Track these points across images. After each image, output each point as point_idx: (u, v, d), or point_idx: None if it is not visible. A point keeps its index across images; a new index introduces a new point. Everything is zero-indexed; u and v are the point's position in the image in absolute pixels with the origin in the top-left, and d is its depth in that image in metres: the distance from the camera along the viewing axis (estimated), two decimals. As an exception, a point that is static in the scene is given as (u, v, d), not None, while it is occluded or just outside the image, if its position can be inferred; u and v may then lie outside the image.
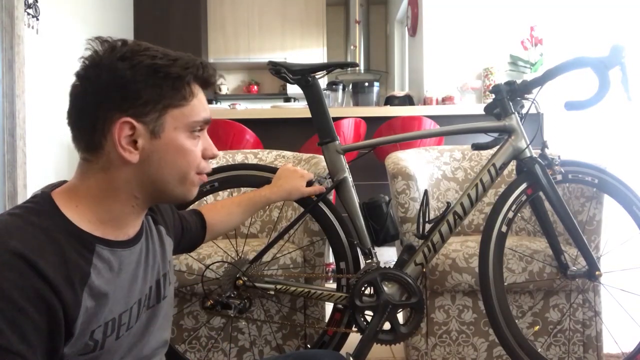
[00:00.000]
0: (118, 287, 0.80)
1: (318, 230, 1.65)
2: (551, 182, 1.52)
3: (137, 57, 0.77)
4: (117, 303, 0.80)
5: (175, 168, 0.82)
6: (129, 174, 0.80)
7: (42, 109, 3.53)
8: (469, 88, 3.77)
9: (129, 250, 0.84)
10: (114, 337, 0.79)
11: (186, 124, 0.81)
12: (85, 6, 4.24)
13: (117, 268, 0.81)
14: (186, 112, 0.81)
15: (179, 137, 0.81)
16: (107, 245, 0.79)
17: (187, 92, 0.81)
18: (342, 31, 6.86)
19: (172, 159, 0.81)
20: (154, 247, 0.93)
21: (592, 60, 1.42)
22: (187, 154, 0.82)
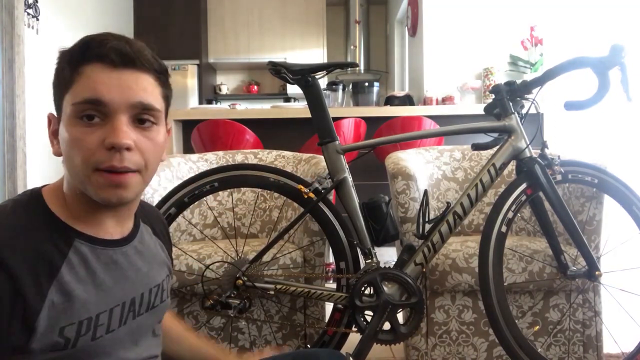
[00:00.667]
0: (95, 286, 0.77)
1: (318, 230, 1.65)
2: (551, 182, 1.52)
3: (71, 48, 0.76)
4: (93, 302, 0.76)
5: (71, 161, 0.74)
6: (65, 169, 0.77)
7: (42, 109, 3.54)
8: (469, 88, 3.77)
9: (114, 250, 0.81)
10: (89, 337, 0.75)
11: (72, 108, 0.73)
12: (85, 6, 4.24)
13: (94, 266, 0.77)
14: (72, 95, 0.73)
15: (69, 125, 0.73)
16: (87, 241, 0.77)
17: (69, 73, 0.74)
18: (342, 31, 6.87)
19: (67, 150, 0.74)
20: (149, 255, 0.90)
21: (592, 60, 1.42)
22: (75, 143, 0.73)
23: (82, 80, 0.73)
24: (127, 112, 0.74)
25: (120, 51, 0.73)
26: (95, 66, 0.73)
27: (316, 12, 6.29)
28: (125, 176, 0.74)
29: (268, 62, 1.53)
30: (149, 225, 0.94)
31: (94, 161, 0.72)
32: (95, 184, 0.73)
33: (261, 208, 2.02)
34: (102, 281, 0.78)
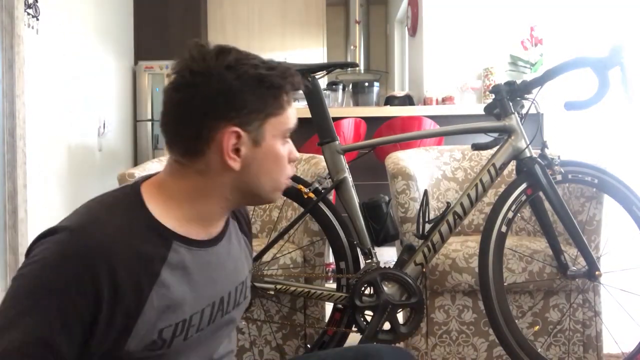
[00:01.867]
0: (191, 287, 0.80)
1: (318, 230, 1.65)
2: (551, 182, 1.52)
3: (242, 67, 0.78)
4: (188, 304, 0.79)
5: (271, 174, 0.84)
6: (227, 179, 0.81)
7: (42, 109, 3.53)
8: (469, 88, 3.77)
9: (207, 250, 0.84)
10: (182, 337, 0.79)
11: (282, 131, 0.83)
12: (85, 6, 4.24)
13: (191, 267, 0.80)
14: (282, 120, 0.82)
15: (276, 145, 0.83)
16: (185, 243, 0.80)
17: (284, 100, 0.82)
18: (342, 31, 6.87)
19: (269, 166, 0.83)
20: (235, 253, 0.92)
21: (592, 60, 1.42)
22: (280, 160, 0.84)
23: (290, 109, 0.84)
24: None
25: (301, 85, 0.85)
26: (290, 96, 0.83)
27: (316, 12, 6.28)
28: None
29: (268, 62, 1.53)
30: (237, 221, 0.97)
31: (288, 173, 0.87)
32: (280, 189, 0.87)
33: (261, 208, 2.02)
34: (197, 282, 0.81)
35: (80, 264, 0.69)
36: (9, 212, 3.21)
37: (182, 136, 0.79)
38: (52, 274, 0.69)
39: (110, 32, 4.78)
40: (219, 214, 0.85)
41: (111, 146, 4.66)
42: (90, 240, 0.71)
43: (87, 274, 0.69)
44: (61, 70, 3.82)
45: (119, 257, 0.71)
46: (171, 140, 0.80)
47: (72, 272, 0.69)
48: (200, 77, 0.77)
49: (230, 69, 0.77)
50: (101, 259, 0.70)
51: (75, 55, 4.05)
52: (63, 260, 0.69)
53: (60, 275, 0.69)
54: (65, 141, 3.87)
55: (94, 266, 0.69)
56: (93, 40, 4.38)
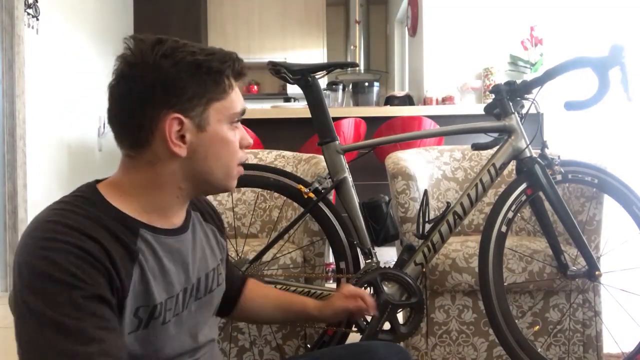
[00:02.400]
0: (162, 273, 0.82)
1: (318, 230, 1.65)
2: (551, 182, 1.52)
3: (179, 54, 0.79)
4: (162, 289, 0.82)
5: (219, 160, 0.85)
6: (175, 168, 0.83)
7: (42, 109, 3.53)
8: (469, 88, 3.77)
9: (174, 239, 0.86)
10: (160, 321, 0.81)
11: (227, 115, 0.84)
12: (85, 6, 4.24)
13: (160, 254, 0.83)
14: (227, 105, 0.84)
15: (222, 129, 0.84)
16: (151, 231, 0.82)
17: (226, 85, 0.83)
18: (342, 31, 6.87)
19: (216, 151, 0.84)
20: (202, 241, 0.94)
21: (592, 60, 1.42)
22: (229, 145, 0.85)
23: (234, 94, 0.85)
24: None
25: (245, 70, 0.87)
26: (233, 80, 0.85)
27: (316, 12, 6.28)
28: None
29: (268, 62, 1.53)
30: (198, 212, 0.98)
31: (239, 158, 0.88)
32: (234, 176, 0.88)
33: (261, 208, 2.02)
34: (168, 269, 0.84)
35: (70, 235, 0.72)
36: (9, 212, 3.21)
37: (126, 128, 0.82)
38: (54, 263, 0.70)
39: (110, 32, 4.78)
40: (177, 204, 0.87)
41: (111, 146, 4.65)
42: (67, 221, 0.73)
43: (79, 241, 0.72)
44: (61, 70, 3.82)
45: (99, 235, 0.74)
46: (118, 133, 0.83)
47: (66, 241, 0.71)
48: (137, 68, 0.79)
49: (166, 58, 0.79)
50: (85, 234, 0.73)
51: (75, 55, 4.05)
52: (48, 239, 0.71)
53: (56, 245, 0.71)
54: (65, 141, 3.87)
55: (80, 237, 0.72)
56: (93, 40, 4.38)
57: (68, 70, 3.92)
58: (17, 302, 0.72)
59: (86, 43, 4.26)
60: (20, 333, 0.71)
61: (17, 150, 3.22)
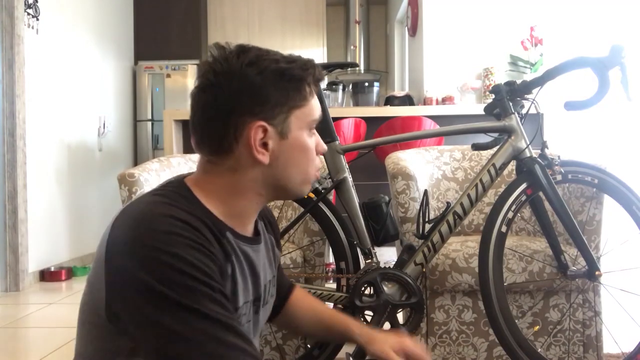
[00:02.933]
0: (243, 277, 0.83)
1: (318, 230, 1.65)
2: (551, 182, 1.52)
3: (263, 62, 0.81)
4: (241, 293, 0.82)
5: (299, 166, 0.85)
6: (257, 174, 0.83)
7: (42, 109, 3.53)
8: (469, 88, 3.77)
9: (250, 247, 0.87)
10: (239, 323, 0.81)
11: (307, 123, 0.85)
12: (85, 6, 4.24)
13: (242, 258, 0.84)
14: (307, 112, 0.84)
15: (303, 136, 0.85)
16: (234, 236, 0.83)
17: (307, 92, 0.84)
18: (342, 31, 6.86)
19: (297, 158, 0.84)
20: (267, 251, 0.95)
21: (592, 60, 1.42)
22: (308, 152, 0.86)
23: (314, 101, 0.86)
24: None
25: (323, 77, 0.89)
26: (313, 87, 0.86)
27: (316, 12, 6.28)
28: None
29: (268, 62, 1.53)
30: (262, 221, 0.98)
31: (317, 165, 0.89)
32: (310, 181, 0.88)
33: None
34: (247, 274, 0.85)
35: (182, 229, 0.72)
36: (9, 212, 3.21)
37: (210, 135, 0.81)
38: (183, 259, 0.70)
39: (110, 32, 4.78)
40: (254, 210, 0.88)
41: (111, 146, 4.66)
42: (170, 212, 0.73)
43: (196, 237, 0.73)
44: (61, 70, 3.82)
45: (204, 232, 0.75)
46: (200, 140, 0.83)
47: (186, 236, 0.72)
48: (223, 77, 0.80)
49: (251, 66, 0.80)
50: (192, 226, 0.73)
51: (75, 55, 4.05)
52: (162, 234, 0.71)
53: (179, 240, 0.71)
54: (65, 141, 3.87)
55: (191, 231, 0.72)
56: (93, 40, 4.38)
57: (68, 70, 3.93)
58: (136, 289, 0.69)
59: (86, 43, 4.26)
60: (150, 325, 0.69)
61: (17, 150, 3.22)
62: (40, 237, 3.42)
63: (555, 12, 3.86)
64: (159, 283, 0.68)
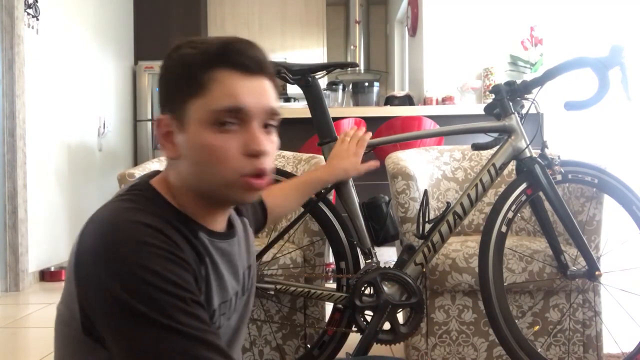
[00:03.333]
0: (218, 277, 0.79)
1: (318, 230, 1.65)
2: (551, 182, 1.52)
3: (175, 52, 0.75)
4: (217, 293, 0.78)
5: (208, 168, 0.73)
6: (182, 169, 0.76)
7: (42, 109, 3.53)
8: (469, 88, 3.77)
9: (226, 242, 0.82)
10: (216, 326, 0.79)
11: (208, 114, 0.72)
12: (85, 6, 4.24)
13: (216, 258, 0.79)
14: (207, 102, 0.72)
15: (202, 132, 0.72)
16: (208, 235, 0.78)
17: (201, 76, 0.72)
18: (342, 31, 6.86)
19: (199, 156, 0.73)
20: (243, 240, 0.90)
21: (592, 60, 1.42)
22: (214, 153, 0.72)
23: (219, 87, 0.72)
24: (260, 118, 0.75)
25: (257, 58, 0.74)
26: (232, 72, 0.73)
27: (316, 12, 6.28)
28: (264, 180, 0.76)
29: (268, 62, 1.53)
30: (247, 216, 0.96)
31: (238, 168, 0.73)
32: (239, 188, 0.74)
33: (261, 208, 2.02)
34: (223, 273, 0.80)
35: (151, 237, 0.68)
36: (9, 212, 3.21)
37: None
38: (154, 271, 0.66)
39: (110, 32, 4.78)
40: (216, 211, 0.81)
41: (111, 146, 4.66)
42: (138, 218, 0.69)
43: (164, 242, 0.68)
44: (61, 70, 3.82)
45: (175, 237, 0.71)
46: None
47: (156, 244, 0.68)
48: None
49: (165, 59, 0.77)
50: (162, 232, 0.69)
51: (75, 55, 4.05)
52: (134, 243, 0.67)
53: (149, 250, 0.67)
54: (65, 141, 3.87)
55: (162, 238, 0.68)
56: (93, 40, 4.38)
57: (68, 70, 3.92)
58: (105, 301, 0.66)
59: (86, 43, 4.26)
60: (121, 338, 0.66)
61: (17, 150, 3.22)
62: (40, 237, 3.42)
63: (555, 12, 3.86)
64: (128, 296, 0.64)
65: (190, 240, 0.74)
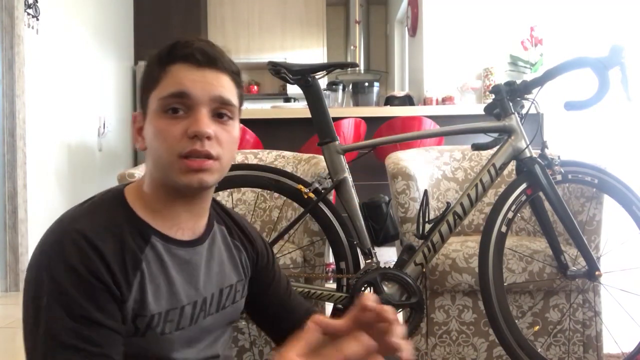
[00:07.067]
0: (167, 283, 0.81)
1: (318, 230, 1.65)
2: (551, 182, 1.52)
3: (147, 57, 0.83)
4: (164, 299, 0.80)
5: (156, 151, 0.80)
6: (148, 163, 0.83)
7: (42, 109, 3.53)
8: (469, 88, 3.77)
9: (185, 250, 0.84)
10: (158, 331, 0.79)
11: (159, 103, 0.79)
12: (85, 6, 4.24)
13: (168, 264, 0.81)
14: (159, 92, 0.79)
15: (155, 118, 0.79)
16: (162, 239, 0.81)
17: (157, 72, 0.80)
18: (342, 31, 6.86)
19: (152, 142, 0.80)
20: (221, 256, 0.91)
21: (592, 61, 1.42)
22: (160, 134, 0.78)
23: (169, 78, 0.79)
24: (208, 106, 0.79)
25: (204, 52, 0.80)
26: (181, 65, 0.79)
27: (316, 12, 6.28)
28: (205, 162, 0.78)
29: (268, 62, 1.53)
30: (225, 226, 0.95)
31: (178, 149, 0.77)
32: (178, 170, 0.78)
33: (261, 208, 2.02)
34: (174, 280, 0.82)
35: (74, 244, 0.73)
36: (9, 212, 3.21)
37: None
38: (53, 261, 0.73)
39: (110, 32, 4.77)
40: (181, 210, 0.84)
41: (111, 146, 4.66)
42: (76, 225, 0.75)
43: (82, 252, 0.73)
44: (61, 70, 3.82)
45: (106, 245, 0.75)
46: None
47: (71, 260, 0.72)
48: None
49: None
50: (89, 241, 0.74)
51: (75, 55, 4.05)
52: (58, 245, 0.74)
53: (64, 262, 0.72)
54: (65, 141, 3.87)
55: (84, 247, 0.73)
56: (93, 40, 4.38)
57: (68, 70, 3.92)
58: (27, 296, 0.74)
59: (86, 43, 4.25)
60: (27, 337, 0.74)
61: (17, 150, 3.22)
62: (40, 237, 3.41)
63: (555, 12, 3.86)
64: (26, 291, 0.74)
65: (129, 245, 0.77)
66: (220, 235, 0.92)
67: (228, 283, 0.91)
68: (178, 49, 0.80)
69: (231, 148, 0.84)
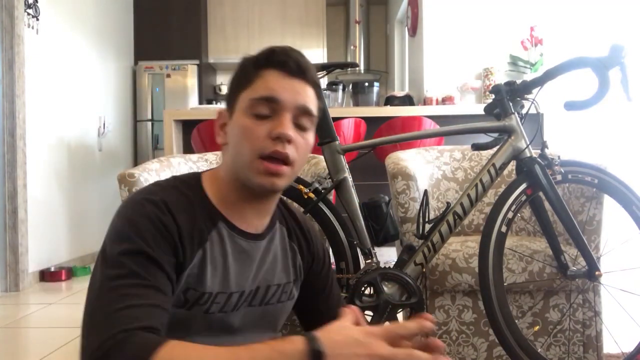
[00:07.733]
0: (223, 267, 0.86)
1: (318, 230, 1.65)
2: (551, 182, 1.52)
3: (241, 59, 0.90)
4: (217, 282, 0.85)
5: (238, 149, 0.85)
6: (227, 157, 0.89)
7: (42, 109, 3.54)
8: (469, 88, 3.77)
9: (247, 242, 0.90)
10: (203, 309, 0.84)
11: (248, 103, 0.84)
12: (85, 6, 4.24)
13: (228, 250, 0.87)
14: (251, 93, 0.85)
15: (242, 117, 0.85)
16: (228, 227, 0.88)
17: (251, 74, 0.86)
18: (342, 31, 6.86)
19: (235, 139, 0.85)
20: (276, 255, 0.95)
21: (592, 61, 1.42)
22: (245, 133, 0.84)
23: (261, 82, 0.85)
24: (292, 112, 0.85)
25: (298, 62, 0.87)
26: (275, 71, 0.86)
27: (316, 12, 6.28)
28: (281, 167, 0.84)
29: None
30: (286, 227, 0.99)
31: (260, 148, 0.83)
32: (255, 170, 0.83)
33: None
34: (230, 266, 0.87)
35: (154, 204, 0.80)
36: (9, 212, 3.21)
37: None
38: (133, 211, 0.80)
39: (110, 33, 4.78)
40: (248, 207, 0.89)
41: (111, 146, 4.66)
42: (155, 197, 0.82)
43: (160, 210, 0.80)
44: (61, 70, 3.82)
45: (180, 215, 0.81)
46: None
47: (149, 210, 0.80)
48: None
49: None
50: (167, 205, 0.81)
51: (75, 55, 4.05)
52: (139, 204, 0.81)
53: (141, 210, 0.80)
54: (65, 141, 3.87)
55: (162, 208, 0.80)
56: (93, 40, 4.38)
57: (68, 70, 3.92)
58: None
59: (86, 43, 4.26)
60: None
61: (17, 150, 3.22)
62: (40, 237, 3.42)
63: (555, 12, 3.86)
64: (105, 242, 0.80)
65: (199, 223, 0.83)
66: (279, 235, 0.97)
67: (277, 282, 0.95)
68: (275, 55, 0.87)
69: (305, 155, 0.90)
